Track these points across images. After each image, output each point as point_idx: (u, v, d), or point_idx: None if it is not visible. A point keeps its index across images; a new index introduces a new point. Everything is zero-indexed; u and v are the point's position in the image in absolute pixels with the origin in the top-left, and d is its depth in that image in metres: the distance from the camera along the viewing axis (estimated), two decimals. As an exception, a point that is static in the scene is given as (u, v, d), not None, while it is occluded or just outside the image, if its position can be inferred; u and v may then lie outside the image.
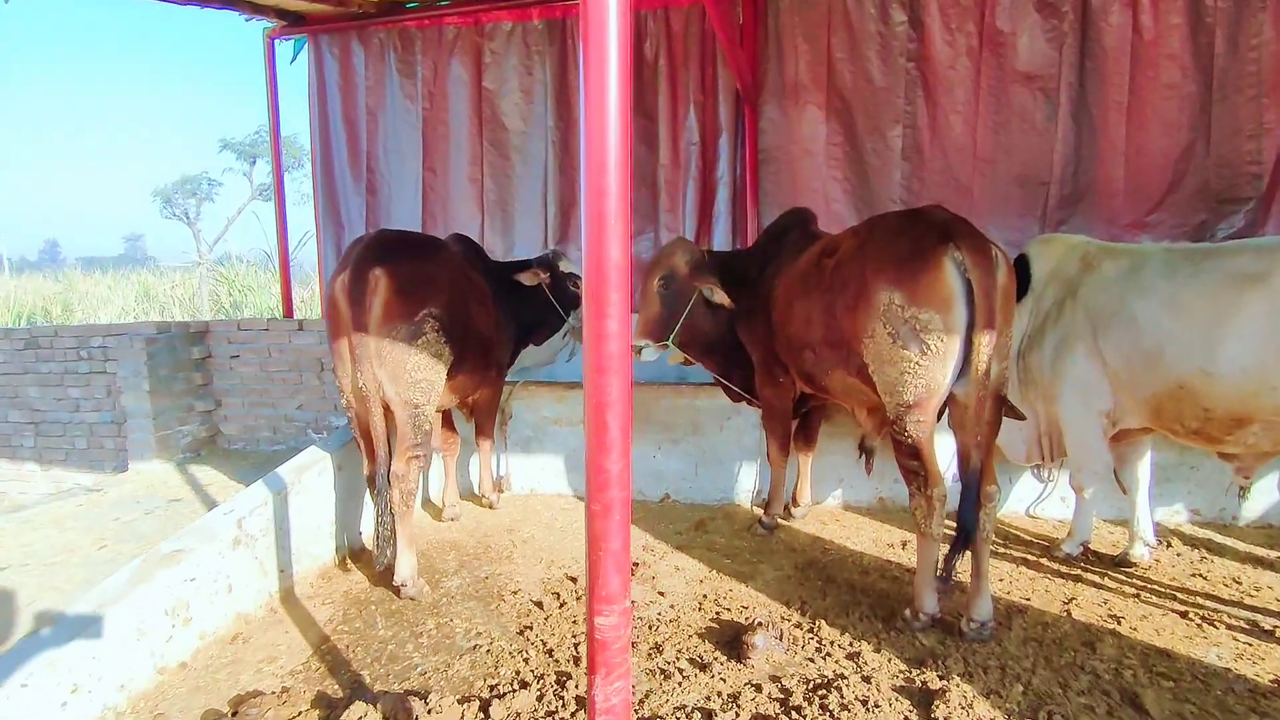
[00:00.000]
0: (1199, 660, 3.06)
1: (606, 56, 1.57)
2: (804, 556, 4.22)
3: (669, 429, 5.00)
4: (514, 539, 4.58)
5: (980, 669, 3.03)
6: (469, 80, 6.24)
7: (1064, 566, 3.98)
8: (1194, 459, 4.43)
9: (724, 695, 2.91)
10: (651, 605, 3.68)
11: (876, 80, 5.59)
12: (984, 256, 2.96)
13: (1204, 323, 3.27)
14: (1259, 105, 5.10)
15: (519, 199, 6.33)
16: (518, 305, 4.81)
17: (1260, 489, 4.41)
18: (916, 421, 3.13)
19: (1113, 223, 5.40)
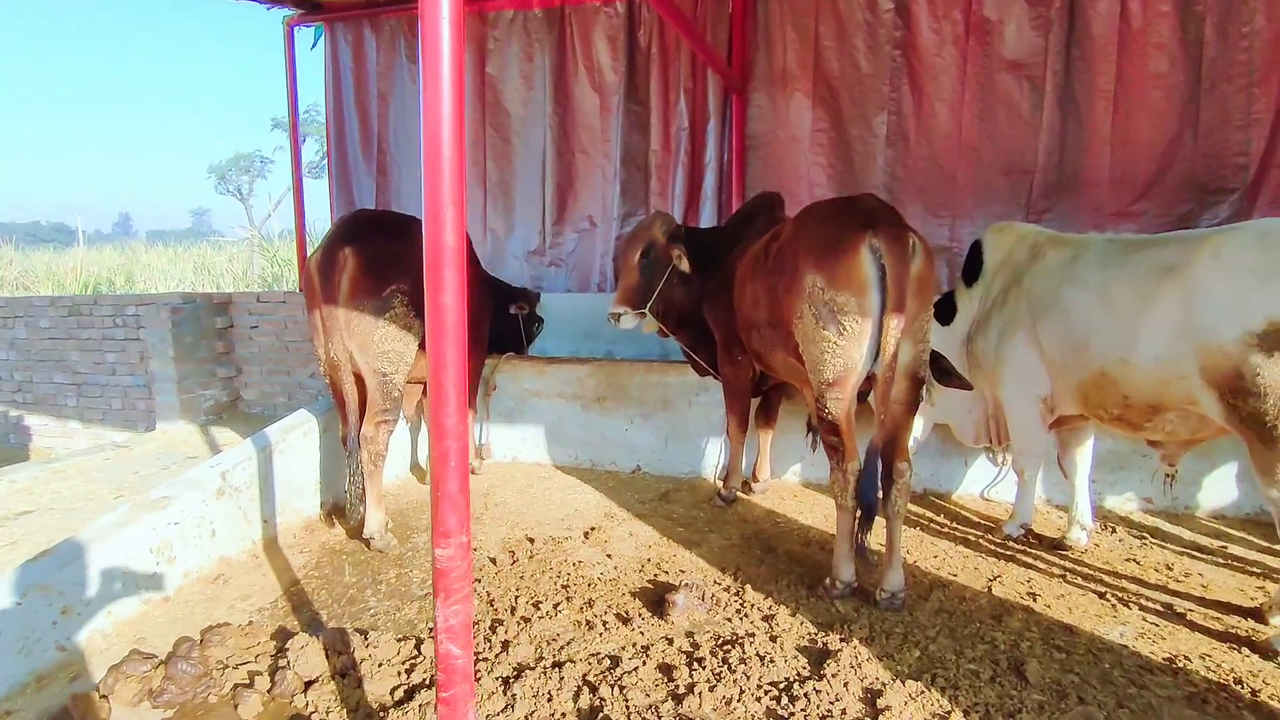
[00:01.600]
0: (1100, 637, 3.18)
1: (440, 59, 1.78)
2: (753, 528, 4.42)
3: (641, 404, 5.23)
4: (488, 502, 4.88)
5: (884, 634, 3.20)
6: (473, 66, 6.51)
7: (1002, 547, 4.10)
8: (1146, 447, 4.47)
9: (637, 646, 3.15)
10: (596, 565, 3.93)
11: (863, 67, 5.67)
12: (899, 244, 3.10)
13: (1125, 313, 3.35)
14: (1249, 95, 5.05)
15: (519, 181, 6.60)
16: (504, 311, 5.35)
17: (1216, 479, 4.45)
18: (835, 399, 3.30)
19: (1098, 212, 5.41)
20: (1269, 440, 2.93)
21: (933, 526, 4.40)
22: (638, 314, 4.60)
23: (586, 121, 6.36)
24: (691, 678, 2.91)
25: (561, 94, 6.38)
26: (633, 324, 4.63)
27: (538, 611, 3.45)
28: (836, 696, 2.77)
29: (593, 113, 6.33)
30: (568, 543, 4.22)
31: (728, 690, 2.82)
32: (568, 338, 6.14)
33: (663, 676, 2.93)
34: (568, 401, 5.38)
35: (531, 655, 3.11)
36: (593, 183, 6.42)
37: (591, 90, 6.31)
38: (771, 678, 2.90)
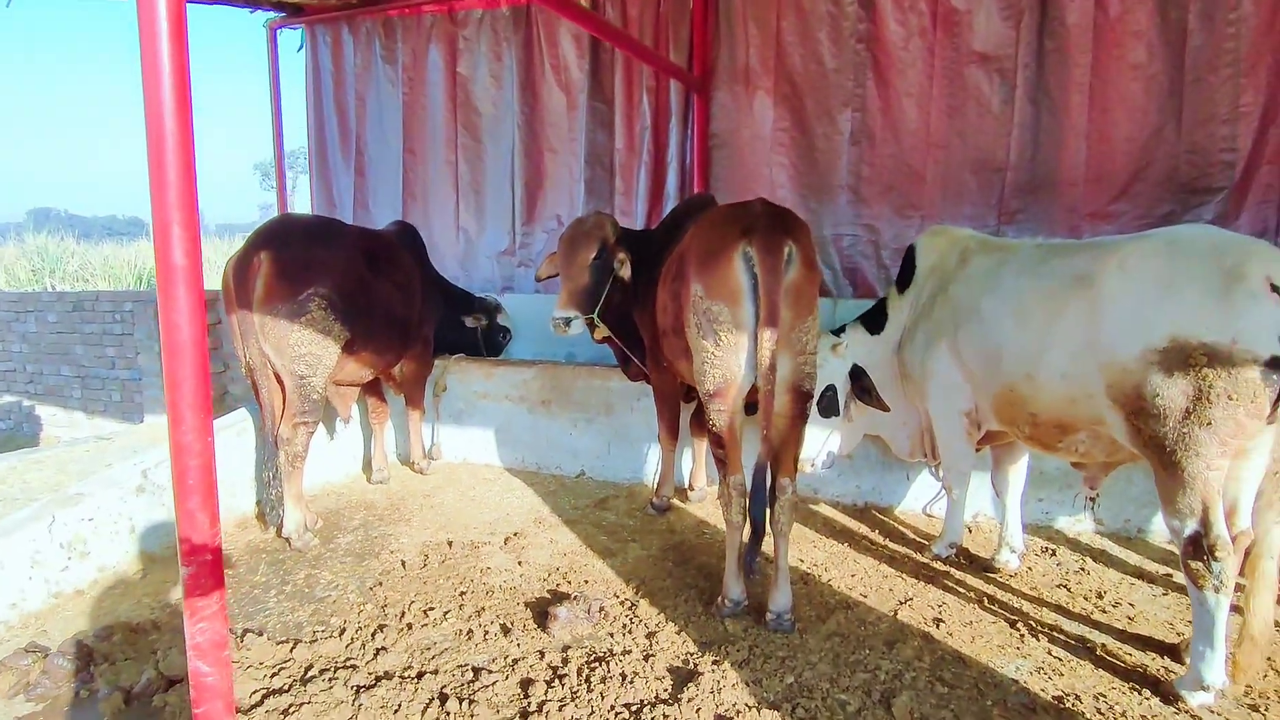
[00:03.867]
0: (993, 670, 2.99)
1: (160, 74, 1.73)
2: (678, 538, 4.31)
3: (584, 408, 5.16)
4: (427, 503, 4.90)
5: (762, 657, 3.08)
6: (444, 66, 6.53)
7: (927, 567, 3.91)
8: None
9: (508, 659, 3.10)
10: (504, 573, 3.89)
11: (827, 63, 5.47)
12: (772, 254, 2.97)
13: (1035, 326, 3.15)
14: (1236, 86, 4.69)
15: (489, 181, 6.60)
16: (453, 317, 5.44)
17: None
18: (718, 410, 3.18)
19: (1073, 212, 5.11)
20: (1170, 466, 2.70)
21: (864, 542, 4.22)
22: (586, 319, 4.49)
23: (554, 120, 6.31)
24: (546, 695, 2.85)
25: (529, 93, 6.35)
26: (581, 329, 4.50)
27: (425, 619, 3.43)
28: (685, 722, 2.68)
29: (560, 111, 6.28)
30: (485, 548, 4.19)
31: (578, 710, 2.76)
32: (535, 340, 6.11)
33: (520, 692, 2.89)
34: (514, 404, 5.35)
35: (400, 664, 3.09)
36: (560, 181, 6.37)
37: (558, 89, 6.25)
38: (627, 699, 2.82)
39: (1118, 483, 4.14)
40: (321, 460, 5.09)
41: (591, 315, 4.37)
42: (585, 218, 4.43)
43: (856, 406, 4.07)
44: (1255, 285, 2.54)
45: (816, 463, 4.07)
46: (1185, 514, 2.68)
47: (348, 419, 4.89)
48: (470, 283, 6.65)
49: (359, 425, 5.48)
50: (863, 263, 5.59)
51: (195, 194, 1.78)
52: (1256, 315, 2.52)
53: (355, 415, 5.34)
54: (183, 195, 1.76)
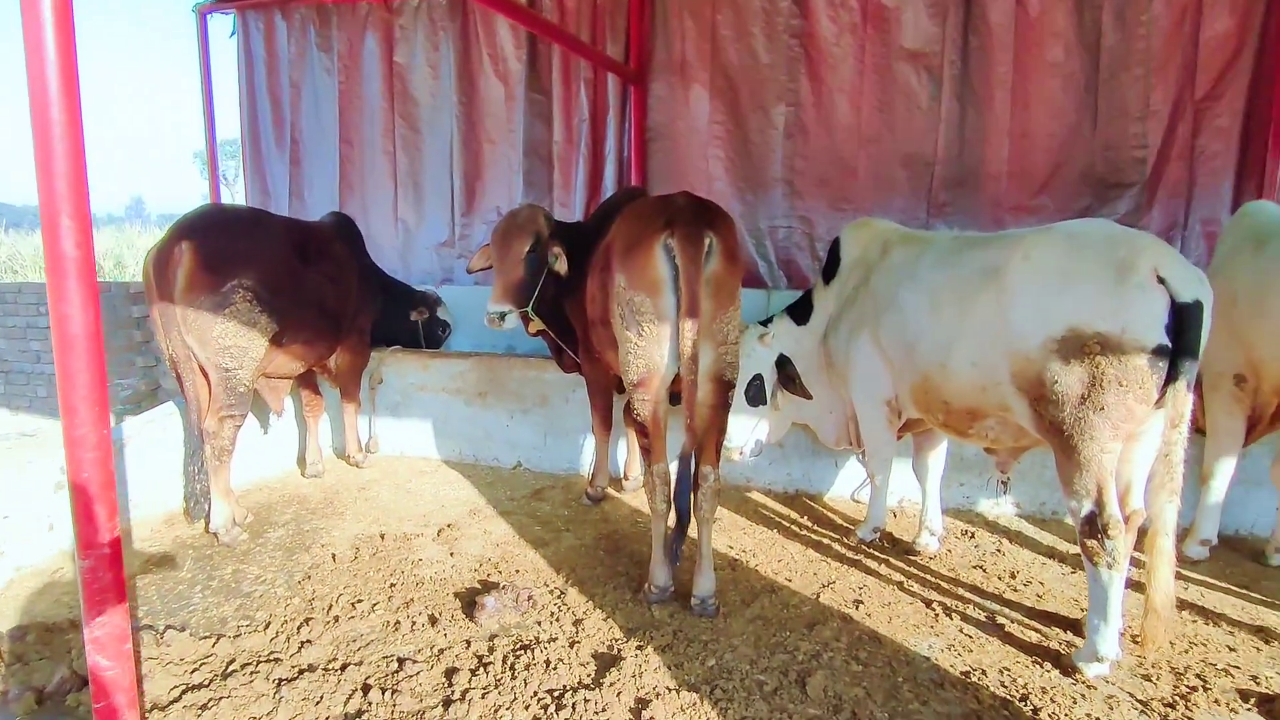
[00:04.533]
0: (907, 649, 3.10)
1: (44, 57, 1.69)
2: (611, 528, 4.36)
3: (520, 399, 5.18)
4: (361, 496, 4.86)
5: (686, 641, 3.14)
6: (380, 55, 6.45)
7: (851, 551, 4.02)
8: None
9: (434, 649, 3.12)
10: (435, 564, 3.90)
11: (761, 57, 5.55)
12: (692, 245, 3.02)
13: (948, 316, 3.25)
14: (1147, 85, 4.89)
15: (428, 172, 6.55)
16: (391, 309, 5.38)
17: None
18: (642, 400, 3.23)
19: (998, 205, 5.28)
20: (1068, 450, 2.82)
21: (793, 528, 4.32)
22: (521, 313, 4.45)
23: (492, 111, 6.28)
24: (470, 683, 2.88)
25: (467, 83, 6.31)
26: (515, 323, 4.48)
27: (353, 611, 3.42)
28: (605, 706, 2.73)
29: (498, 102, 6.25)
30: (418, 540, 4.18)
31: (500, 698, 2.79)
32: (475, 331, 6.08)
33: (444, 680, 2.91)
34: (451, 396, 5.33)
35: (325, 656, 3.08)
36: (499, 173, 6.35)
37: (496, 79, 6.22)
38: (550, 685, 2.86)
39: (1034, 467, 4.31)
40: (254, 454, 5.01)
41: (526, 309, 4.37)
42: (518, 211, 4.42)
43: (784, 395, 4.16)
44: (1143, 277, 2.66)
45: (745, 451, 4.15)
46: (1082, 495, 2.81)
47: (280, 412, 4.82)
48: (409, 275, 6.60)
49: (293, 419, 5.41)
50: (797, 254, 5.70)
51: (85, 182, 1.75)
52: (1144, 306, 2.65)
53: (289, 408, 5.29)
54: (72, 184, 1.73)
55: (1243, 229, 3.70)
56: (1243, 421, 3.72)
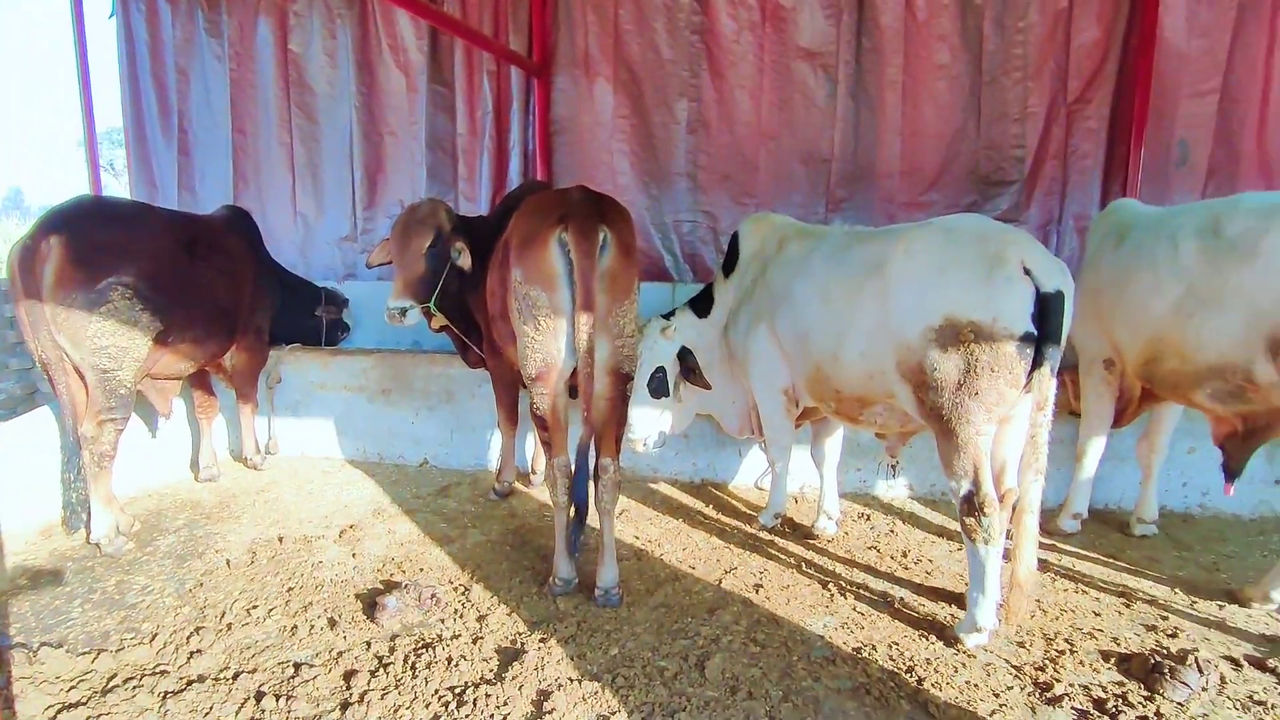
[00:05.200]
0: (803, 628, 3.22)
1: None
2: (518, 522, 4.36)
3: (426, 396, 5.11)
4: (260, 499, 4.70)
5: (589, 632, 3.18)
6: (274, 42, 6.22)
7: (754, 537, 4.13)
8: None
9: (333, 652, 3.06)
10: (336, 566, 3.81)
11: (664, 53, 5.61)
12: (586, 240, 3.03)
13: (838, 308, 3.37)
14: (1025, 89, 5.18)
15: (328, 163, 6.36)
16: (292, 306, 5.26)
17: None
18: (540, 394, 3.24)
19: (891, 202, 5.49)
20: (947, 433, 2.98)
21: (698, 517, 4.41)
22: (423, 309, 4.37)
23: (394, 102, 6.14)
24: (369, 684, 2.84)
25: (366, 73, 6.15)
26: (417, 319, 4.39)
27: (248, 617, 3.32)
28: (507, 699, 2.74)
29: (399, 93, 6.12)
30: (319, 542, 4.08)
31: (400, 697, 2.76)
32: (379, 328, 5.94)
33: (342, 683, 2.86)
34: (354, 394, 5.21)
35: (216, 665, 2.99)
36: (401, 166, 6.22)
37: (397, 70, 6.09)
38: (451, 682, 2.85)
39: (925, 450, 4.51)
40: (142, 459, 4.78)
41: (428, 304, 4.30)
42: (418, 205, 4.34)
43: (687, 387, 4.23)
44: (1012, 269, 2.83)
45: (649, 442, 4.21)
46: (960, 475, 2.97)
47: (167, 415, 4.60)
48: (310, 270, 6.39)
49: (186, 421, 5.18)
50: (702, 248, 5.79)
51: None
52: (1013, 296, 2.82)
53: (181, 411, 5.06)
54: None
55: (1108, 224, 3.96)
56: (1112, 403, 3.99)
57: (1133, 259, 3.61)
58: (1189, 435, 4.25)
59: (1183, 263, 3.31)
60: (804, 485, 4.70)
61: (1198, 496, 4.40)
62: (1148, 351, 3.51)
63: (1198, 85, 4.98)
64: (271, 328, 5.07)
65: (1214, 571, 3.77)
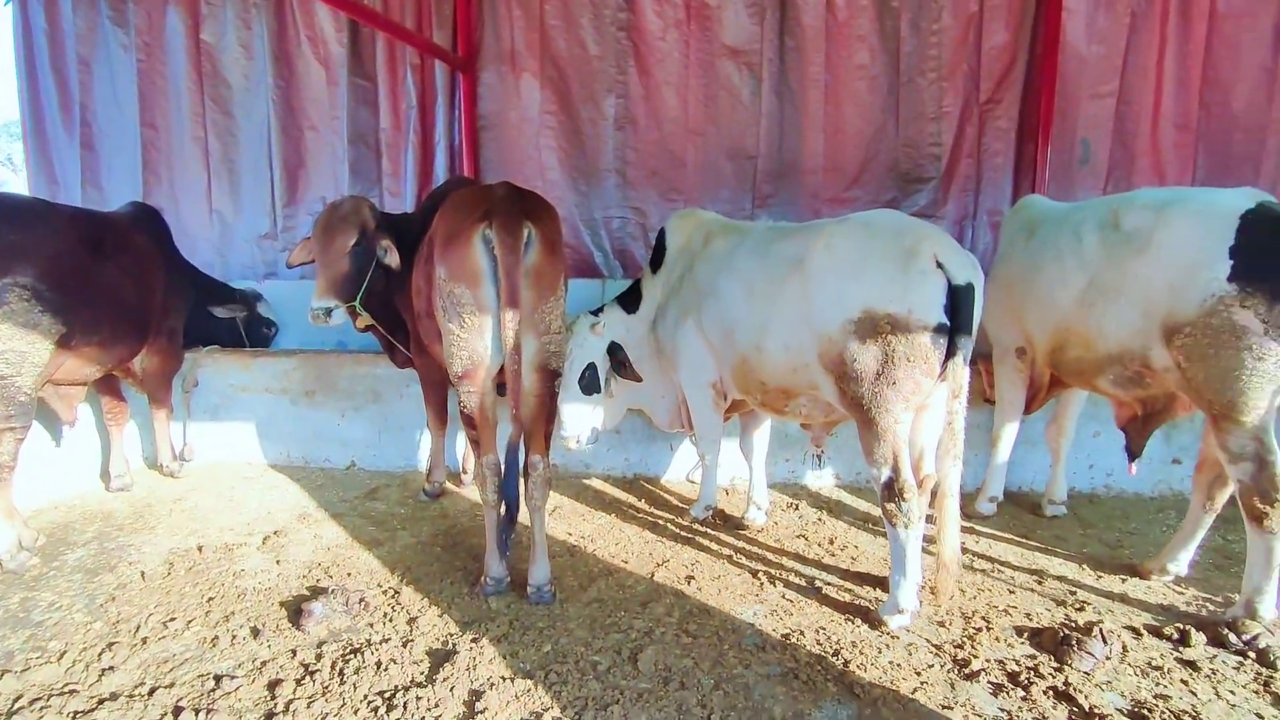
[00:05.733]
0: (734, 617, 3.27)
1: None
2: (449, 523, 4.31)
3: (352, 397, 5.00)
4: (177, 508, 4.53)
5: (522, 629, 3.16)
6: (185, 32, 5.98)
7: (686, 530, 4.18)
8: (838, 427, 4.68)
9: (256, 661, 2.97)
10: (260, 574, 3.70)
11: (590, 49, 5.61)
12: (511, 236, 3.02)
13: (761, 302, 3.44)
14: (940, 89, 5.36)
15: (245, 159, 6.16)
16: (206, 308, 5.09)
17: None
18: (468, 392, 3.21)
19: (816, 198, 5.62)
20: (867, 422, 3.07)
21: (631, 512, 4.44)
22: (349, 308, 4.27)
23: (314, 96, 5.98)
24: (295, 693, 2.76)
25: (284, 65, 5.97)
26: (343, 319, 4.29)
27: (165, 630, 3.20)
28: (438, 701, 2.70)
29: (319, 86, 5.96)
30: (240, 550, 3.95)
31: (328, 704, 2.70)
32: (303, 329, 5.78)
33: (267, 694, 2.77)
34: (276, 396, 5.06)
35: (131, 681, 2.86)
36: (323, 161, 6.07)
37: (316, 62, 5.93)
38: (381, 687, 2.80)
39: (851, 439, 4.61)
40: (47, 470, 4.54)
41: (354, 304, 4.23)
42: (340, 202, 4.24)
43: (618, 382, 4.25)
44: (925, 263, 2.94)
45: (581, 439, 4.21)
46: (881, 462, 3.07)
47: (72, 422, 4.39)
48: (228, 269, 6.18)
49: (96, 429, 4.94)
50: (631, 244, 5.82)
51: None
52: (926, 289, 2.93)
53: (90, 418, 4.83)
54: None
55: (1018, 220, 4.14)
56: (1024, 391, 4.17)
57: (1041, 253, 3.78)
58: (1094, 420, 4.48)
59: (1085, 256, 3.48)
60: (734, 477, 4.78)
61: (1103, 477, 4.65)
62: (1055, 340, 3.68)
63: (1097, 88, 5.25)
64: (186, 330, 4.88)
65: (1118, 548, 3.99)
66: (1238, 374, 2.92)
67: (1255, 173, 5.20)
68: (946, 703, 2.67)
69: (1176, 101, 5.20)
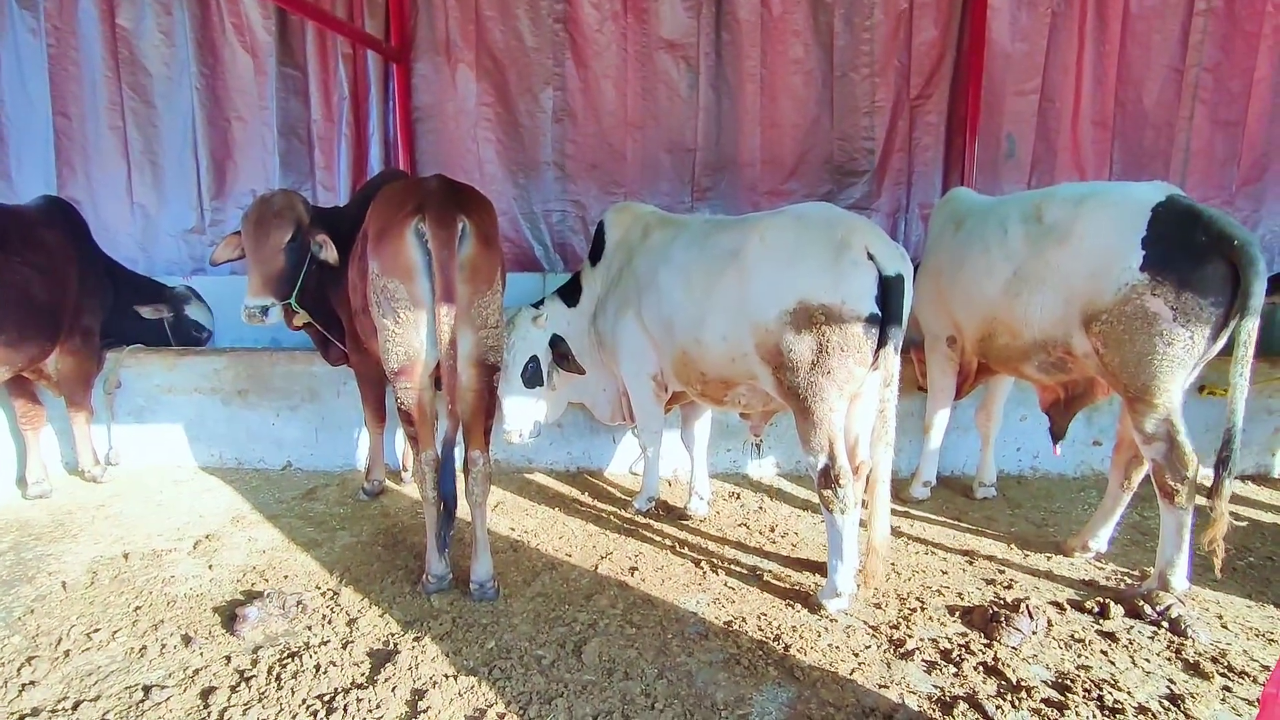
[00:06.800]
0: (677, 606, 3.30)
1: None
2: (390, 522, 4.24)
3: (287, 395, 4.88)
4: (100, 514, 4.35)
5: (466, 627, 3.14)
6: (100, 17, 5.71)
7: (629, 522, 4.20)
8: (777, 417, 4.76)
9: (188, 670, 2.88)
10: (190, 580, 3.59)
11: (527, 40, 5.57)
12: (445, 229, 2.98)
13: (699, 295, 3.47)
14: (873, 84, 5.47)
15: (168, 150, 5.92)
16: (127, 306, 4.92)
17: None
18: (405, 388, 3.17)
19: (753, 190, 5.68)
20: (804, 411, 3.13)
21: (574, 505, 4.44)
22: (284, 306, 4.14)
23: (240, 85, 5.78)
24: (230, 701, 2.69)
25: (208, 53, 5.75)
26: (278, 318, 4.15)
27: (89, 642, 3.07)
28: (380, 702, 2.67)
29: (246, 76, 5.77)
30: (170, 556, 3.83)
31: (265, 710, 2.64)
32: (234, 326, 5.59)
33: (200, 703, 2.69)
34: (206, 396, 4.90)
35: (53, 697, 2.75)
36: (252, 153, 5.87)
37: (243, 51, 5.73)
38: (320, 690, 2.74)
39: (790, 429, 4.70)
40: (-43, 478, 4.33)
41: (289, 301, 4.11)
42: (271, 196, 4.10)
43: (560, 376, 4.23)
44: (857, 254, 3.01)
45: (524, 433, 4.19)
46: (817, 450, 3.14)
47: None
48: (152, 264, 5.94)
49: (9, 434, 4.71)
50: (572, 238, 5.80)
51: None
52: (858, 280, 2.99)
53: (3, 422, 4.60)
54: None
55: (946, 212, 4.26)
56: (954, 378, 4.30)
57: (968, 244, 3.90)
58: (1021, 404, 4.65)
59: (1010, 247, 3.61)
60: (676, 468, 4.82)
61: (1029, 460, 4.83)
62: (983, 329, 3.81)
63: (1021, 85, 5.44)
64: (105, 329, 4.68)
65: (1043, 527, 4.16)
66: (1150, 359, 3.07)
67: (1166, 167, 5.47)
68: (883, 682, 2.75)
69: (1095, 99, 5.42)
